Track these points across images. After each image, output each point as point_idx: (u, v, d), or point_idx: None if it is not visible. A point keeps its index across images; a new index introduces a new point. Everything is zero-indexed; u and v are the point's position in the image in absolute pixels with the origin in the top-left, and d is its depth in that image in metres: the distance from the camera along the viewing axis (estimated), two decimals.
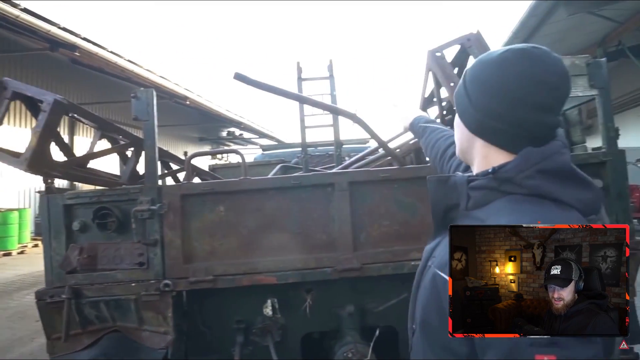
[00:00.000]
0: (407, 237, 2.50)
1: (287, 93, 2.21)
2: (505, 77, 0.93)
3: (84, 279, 2.46)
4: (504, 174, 0.93)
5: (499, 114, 0.94)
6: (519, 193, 0.91)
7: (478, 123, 0.98)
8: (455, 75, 2.63)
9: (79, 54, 9.83)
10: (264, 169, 5.69)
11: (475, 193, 0.97)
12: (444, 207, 1.03)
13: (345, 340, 2.59)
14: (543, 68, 0.92)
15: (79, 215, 2.53)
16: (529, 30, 9.94)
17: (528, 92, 0.92)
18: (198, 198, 2.52)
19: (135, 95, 2.46)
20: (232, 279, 2.46)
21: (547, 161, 0.91)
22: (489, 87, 0.95)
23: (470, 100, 0.98)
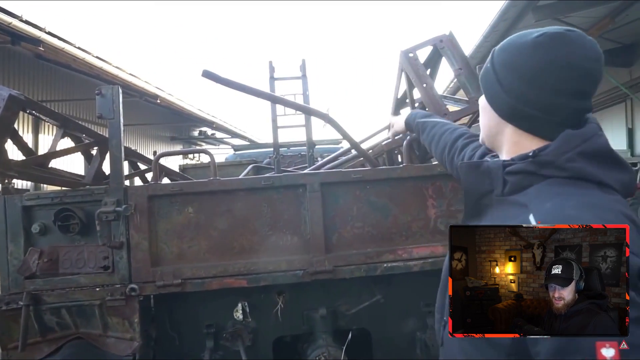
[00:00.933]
0: (379, 238, 2.48)
1: (258, 92, 2.16)
2: (541, 63, 0.91)
3: (44, 284, 2.35)
4: (544, 157, 0.90)
5: (534, 100, 0.92)
6: (560, 176, 0.90)
7: (511, 109, 0.96)
8: (428, 76, 2.63)
9: (44, 48, 9.49)
10: (236, 169, 5.61)
11: (512, 178, 0.94)
12: (478, 194, 1.01)
13: (318, 343, 2.56)
14: (579, 53, 0.90)
15: (39, 217, 2.42)
16: (499, 34, 10.13)
17: (564, 79, 0.90)
18: (166, 199, 2.44)
19: (99, 92, 2.37)
20: (201, 283, 2.39)
21: (588, 143, 0.90)
22: (524, 73, 0.93)
23: (501, 85, 0.96)
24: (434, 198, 2.53)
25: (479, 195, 1.01)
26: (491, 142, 1.06)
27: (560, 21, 9.88)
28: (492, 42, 10.35)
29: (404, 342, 2.68)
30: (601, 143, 0.92)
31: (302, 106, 2.67)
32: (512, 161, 0.96)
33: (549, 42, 0.91)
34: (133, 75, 12.21)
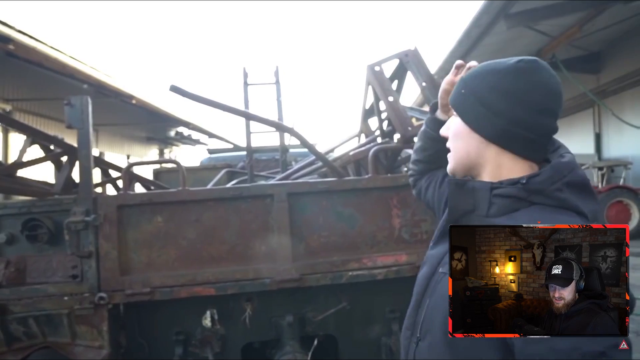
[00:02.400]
0: (345, 247, 2.56)
1: (223, 106, 2.21)
2: (527, 86, 0.97)
3: (11, 293, 2.35)
4: (535, 185, 0.95)
5: (521, 119, 0.97)
6: (546, 204, 0.94)
7: (501, 130, 0.99)
8: (393, 90, 2.72)
9: (14, 47, 9.29)
10: (210, 173, 5.62)
11: (500, 200, 0.97)
12: (461, 212, 1.03)
13: (285, 349, 2.62)
14: (553, 77, 0.99)
15: (6, 226, 2.42)
16: (472, 40, 10.36)
17: (547, 99, 0.98)
18: (135, 209, 2.47)
19: (68, 103, 2.38)
20: (170, 291, 2.43)
21: (572, 174, 0.96)
22: (512, 96, 0.97)
23: (489, 108, 0.99)
24: (398, 208, 2.62)
25: (462, 213, 1.03)
26: (468, 167, 1.07)
27: (531, 29, 10.17)
28: (465, 47, 10.57)
29: (370, 347, 2.77)
30: (582, 174, 0.98)
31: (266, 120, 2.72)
32: (501, 185, 0.99)
33: (529, 67, 0.99)
34: (108, 75, 12.04)
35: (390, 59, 2.78)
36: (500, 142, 1.01)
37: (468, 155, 1.06)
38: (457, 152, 1.08)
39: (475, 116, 1.03)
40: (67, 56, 10.25)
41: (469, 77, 1.06)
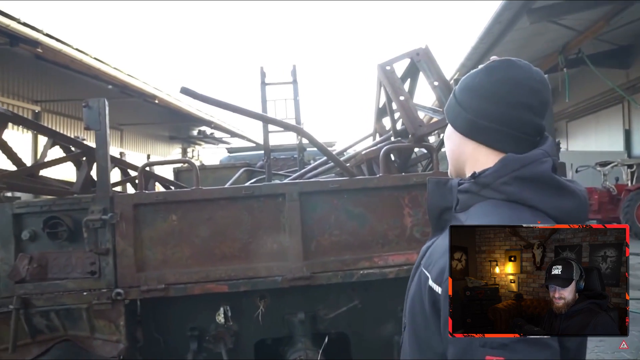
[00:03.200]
0: (356, 246, 2.58)
1: (233, 107, 2.25)
2: (493, 81, 1.01)
3: (34, 288, 2.45)
4: (483, 179, 0.97)
5: (489, 112, 1.00)
6: (496, 198, 0.95)
7: (469, 124, 1.04)
8: (404, 89, 2.72)
9: (42, 50, 9.59)
10: (230, 172, 5.69)
11: (461, 196, 1.01)
12: (440, 209, 1.07)
13: (297, 346, 2.65)
14: (526, 74, 1.01)
15: (29, 224, 2.52)
16: (493, 37, 10.19)
17: (514, 93, 1.00)
18: (151, 207, 2.54)
19: (86, 105, 2.46)
20: (184, 288, 2.49)
21: (525, 169, 0.95)
22: (479, 91, 1.03)
23: (461, 106, 1.04)
24: (410, 207, 2.62)
25: (442, 210, 1.06)
26: (456, 167, 1.11)
27: (555, 23, 9.95)
28: (487, 44, 10.41)
29: (382, 345, 2.78)
30: (541, 170, 0.95)
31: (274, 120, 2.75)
32: (463, 181, 1.02)
33: (499, 65, 1.03)
34: (131, 75, 12.29)
35: (401, 59, 2.78)
36: (472, 134, 1.04)
37: (453, 154, 1.10)
38: (447, 152, 1.12)
39: (453, 115, 1.08)
40: (92, 58, 10.52)
41: (463, 78, 1.10)
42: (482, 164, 1.01)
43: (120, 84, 12.43)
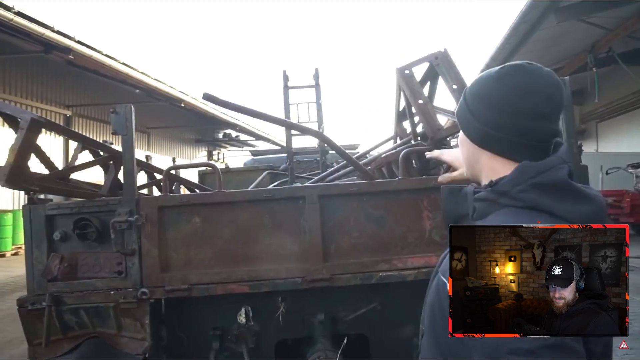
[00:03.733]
0: (375, 248, 2.60)
1: (253, 112, 2.30)
2: (505, 90, 1.00)
3: (65, 287, 2.55)
4: (500, 187, 0.97)
5: (502, 123, 0.99)
6: (515, 206, 0.95)
7: (483, 135, 1.02)
8: (423, 93, 2.73)
9: (73, 56, 9.92)
10: (254, 175, 5.78)
11: (478, 204, 1.01)
12: (455, 216, 1.07)
13: (316, 347, 2.69)
14: (537, 80, 1.00)
15: (60, 225, 2.63)
16: (519, 37, 10.04)
17: (526, 102, 0.98)
18: (175, 210, 2.62)
19: (114, 111, 2.56)
20: (206, 288, 2.56)
21: (542, 176, 0.95)
22: (491, 100, 1.01)
23: (473, 115, 1.03)
24: (429, 210, 2.62)
25: (458, 217, 1.06)
26: (473, 173, 1.10)
27: (584, 22, 9.72)
28: (512, 44, 10.27)
29: (401, 347, 2.79)
30: (558, 176, 0.95)
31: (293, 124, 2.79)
32: (480, 189, 1.02)
33: (511, 71, 1.00)
34: (158, 80, 12.57)
35: (419, 62, 2.79)
36: (485, 145, 1.03)
37: (469, 162, 1.09)
38: (463, 160, 1.12)
39: (465, 123, 1.06)
40: (120, 63, 10.82)
41: (471, 84, 1.09)
42: (498, 172, 1.01)
43: (147, 88, 12.74)
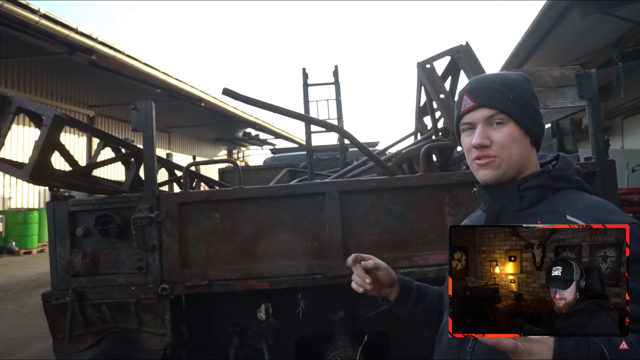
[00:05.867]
0: (396, 245, 2.56)
1: (273, 107, 2.29)
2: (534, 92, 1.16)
3: (87, 282, 2.59)
4: (557, 172, 1.11)
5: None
6: (569, 187, 1.10)
7: (542, 131, 1.17)
8: (444, 87, 2.68)
9: (96, 57, 10.09)
10: (273, 172, 5.78)
11: (530, 193, 1.10)
12: (499, 211, 1.13)
13: (337, 344, 2.66)
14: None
15: (82, 221, 2.66)
16: (543, 32, 9.82)
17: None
18: (195, 206, 2.62)
19: (135, 107, 2.57)
20: (226, 284, 2.56)
21: (575, 165, 1.15)
22: (538, 102, 1.17)
23: (538, 114, 1.14)
24: (450, 206, 2.57)
25: (500, 212, 1.12)
26: (519, 169, 1.11)
27: (610, 15, 9.46)
28: (535, 40, 10.05)
29: (422, 346, 2.73)
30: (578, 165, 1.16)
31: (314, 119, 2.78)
32: (526, 179, 1.10)
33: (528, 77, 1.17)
34: (179, 79, 12.71)
35: (441, 57, 2.74)
36: (539, 142, 1.16)
37: (521, 158, 1.11)
38: (513, 154, 1.10)
39: (530, 119, 1.12)
40: (142, 63, 10.97)
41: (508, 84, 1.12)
42: (534, 165, 1.14)
43: (168, 87, 12.89)
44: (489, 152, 1.09)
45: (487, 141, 1.09)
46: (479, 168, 1.11)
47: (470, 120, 1.12)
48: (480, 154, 1.09)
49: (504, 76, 1.14)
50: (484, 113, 1.09)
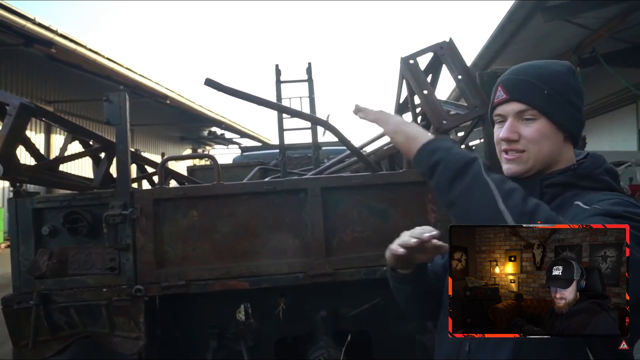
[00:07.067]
0: (379, 242, 2.52)
1: (256, 99, 2.21)
2: (579, 86, 1.11)
3: (54, 284, 2.43)
4: (583, 170, 1.06)
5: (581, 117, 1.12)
6: (596, 188, 1.04)
7: (581, 128, 1.11)
8: (428, 83, 2.67)
9: (55, 50, 9.65)
10: (243, 171, 5.66)
11: (551, 190, 1.07)
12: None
13: (318, 344, 2.61)
14: None
15: (49, 219, 2.49)
16: (507, 35, 10.10)
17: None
18: (171, 203, 2.51)
19: (107, 99, 2.44)
20: (204, 284, 2.46)
21: (607, 163, 1.09)
22: (580, 96, 1.10)
23: (577, 110, 1.08)
24: (433, 203, 2.56)
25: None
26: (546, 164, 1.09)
27: (569, 22, 9.83)
28: (500, 43, 10.31)
29: (404, 344, 2.73)
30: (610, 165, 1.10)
31: (299, 112, 2.73)
32: (551, 175, 1.07)
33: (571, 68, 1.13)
34: (143, 76, 12.35)
35: (424, 52, 2.73)
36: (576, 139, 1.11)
37: (551, 154, 1.08)
38: (540, 151, 1.08)
39: (565, 115, 1.07)
40: (105, 58, 10.59)
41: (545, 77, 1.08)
42: (568, 160, 1.09)
43: (132, 84, 12.49)
44: (517, 146, 1.07)
45: (514, 135, 1.07)
46: (506, 161, 1.10)
47: (501, 112, 1.09)
48: (508, 148, 1.08)
49: (543, 67, 1.10)
50: (515, 107, 1.07)
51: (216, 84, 2.00)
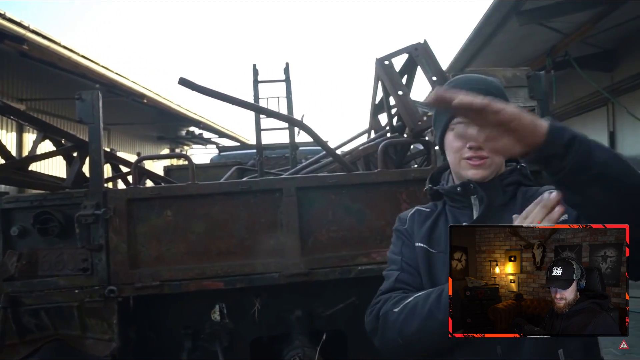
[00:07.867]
0: (354, 242, 2.54)
1: (231, 99, 2.21)
2: None
3: (22, 286, 2.37)
4: (524, 169, 1.24)
5: None
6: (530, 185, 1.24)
7: None
8: (403, 84, 2.70)
9: (28, 47, 9.41)
10: (221, 170, 5.62)
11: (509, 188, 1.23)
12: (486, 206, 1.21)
13: (294, 344, 2.61)
14: None
15: (18, 219, 2.44)
16: (483, 38, 10.25)
17: None
18: (145, 203, 2.48)
19: (79, 97, 2.40)
20: (179, 285, 2.44)
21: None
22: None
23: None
24: (407, 202, 2.59)
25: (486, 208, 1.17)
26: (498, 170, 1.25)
27: (543, 26, 10.04)
28: (476, 46, 10.47)
29: None
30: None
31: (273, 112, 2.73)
32: (504, 176, 1.22)
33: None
34: (120, 74, 12.14)
35: (399, 53, 2.76)
36: None
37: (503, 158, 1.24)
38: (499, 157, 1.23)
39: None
40: (80, 56, 10.36)
41: (495, 87, 1.27)
42: (503, 161, 1.25)
43: (108, 82, 12.26)
44: (482, 153, 1.15)
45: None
46: (469, 167, 1.17)
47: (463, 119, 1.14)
48: (473, 155, 1.15)
49: (487, 79, 1.23)
50: None
51: (190, 83, 1.99)
